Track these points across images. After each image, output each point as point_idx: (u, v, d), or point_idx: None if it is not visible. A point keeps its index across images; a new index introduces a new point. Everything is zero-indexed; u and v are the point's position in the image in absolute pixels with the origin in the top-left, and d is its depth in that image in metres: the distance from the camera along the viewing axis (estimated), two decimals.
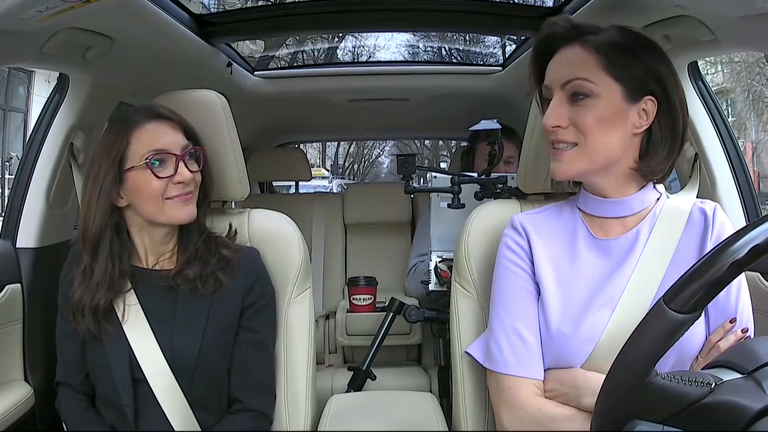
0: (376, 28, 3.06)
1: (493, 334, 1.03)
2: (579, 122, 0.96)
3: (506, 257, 1.06)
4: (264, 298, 1.21)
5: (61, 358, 1.19)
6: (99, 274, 1.11)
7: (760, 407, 0.58)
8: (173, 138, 1.14)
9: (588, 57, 0.97)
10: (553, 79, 0.99)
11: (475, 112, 2.03)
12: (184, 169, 1.13)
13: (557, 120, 0.97)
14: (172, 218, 1.14)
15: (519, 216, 1.10)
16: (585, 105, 0.96)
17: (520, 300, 1.03)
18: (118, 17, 1.26)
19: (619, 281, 0.98)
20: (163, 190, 1.11)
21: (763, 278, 1.32)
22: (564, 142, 0.97)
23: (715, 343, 0.94)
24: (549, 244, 1.05)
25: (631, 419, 0.65)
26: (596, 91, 0.95)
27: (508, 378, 1.00)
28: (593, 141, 0.96)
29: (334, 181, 13.16)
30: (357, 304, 2.13)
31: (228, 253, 1.19)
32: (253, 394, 1.19)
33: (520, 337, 1.00)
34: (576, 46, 0.98)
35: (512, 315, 1.02)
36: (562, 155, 0.98)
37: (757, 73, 13.03)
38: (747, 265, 0.61)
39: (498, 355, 1.01)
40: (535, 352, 1.00)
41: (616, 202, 1.01)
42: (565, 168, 0.98)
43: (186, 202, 1.14)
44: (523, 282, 1.04)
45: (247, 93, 2.28)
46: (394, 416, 1.26)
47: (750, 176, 1.48)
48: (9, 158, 9.55)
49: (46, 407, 1.39)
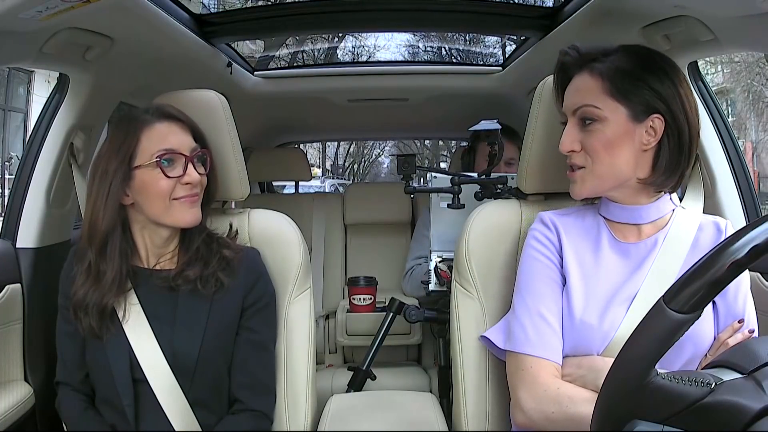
0: (376, 28, 3.06)
1: (517, 317, 1.08)
2: (588, 146, 1.04)
3: (535, 248, 1.11)
4: (264, 299, 1.21)
5: (61, 358, 1.19)
6: (110, 274, 1.11)
7: (760, 407, 0.58)
8: (183, 139, 1.14)
9: (595, 84, 1.04)
10: (567, 106, 1.08)
11: (475, 112, 2.03)
12: (193, 170, 1.13)
13: (571, 145, 1.06)
14: (177, 220, 1.14)
15: (547, 213, 1.15)
16: (593, 129, 1.04)
17: (547, 287, 1.08)
18: (118, 17, 1.26)
19: (635, 282, 1.04)
20: (171, 190, 1.12)
21: (763, 278, 1.32)
22: (574, 165, 1.07)
23: (724, 341, 0.99)
24: (575, 241, 1.11)
25: (631, 419, 0.65)
26: (602, 116, 1.03)
27: (529, 358, 1.03)
28: (600, 163, 1.04)
29: (326, 181, 12.79)
30: (357, 304, 2.13)
31: (229, 253, 1.19)
32: (253, 394, 1.19)
33: (545, 320, 1.05)
34: (585, 73, 1.06)
35: (538, 300, 1.07)
36: (575, 176, 1.07)
37: (757, 73, 13.03)
38: (747, 265, 0.61)
39: (521, 336, 1.05)
40: (557, 337, 1.05)
41: (634, 209, 1.08)
42: (578, 189, 1.08)
43: (192, 204, 1.14)
44: (551, 272, 1.09)
45: (247, 93, 2.28)
46: (394, 416, 1.26)
47: (750, 176, 1.48)
48: (9, 158, 9.55)
49: (46, 407, 1.39)
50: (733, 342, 0.99)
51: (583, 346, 1.03)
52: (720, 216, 1.41)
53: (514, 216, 1.25)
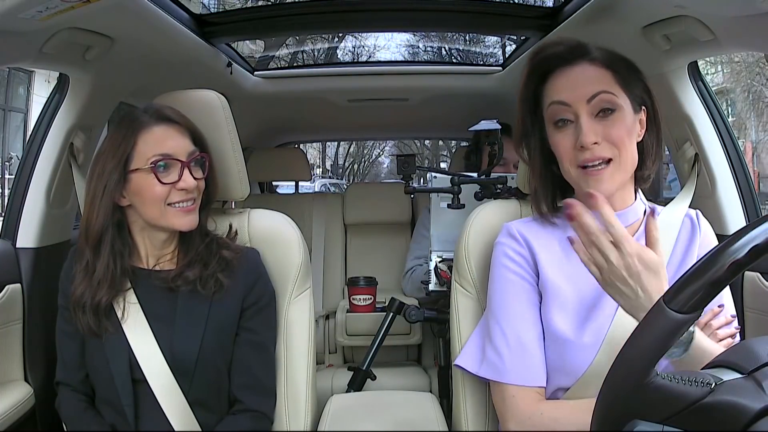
0: (376, 28, 3.06)
1: (492, 342, 1.04)
2: (613, 136, 0.97)
3: (505, 266, 1.06)
4: (264, 299, 1.21)
5: (61, 358, 1.19)
6: (101, 272, 1.11)
7: (760, 407, 0.58)
8: (180, 143, 1.13)
9: (602, 72, 0.99)
10: (575, 97, 0.99)
11: (475, 112, 2.03)
12: (189, 176, 1.13)
13: (595, 136, 0.97)
14: (173, 224, 1.13)
15: (513, 224, 1.11)
16: (614, 119, 0.98)
17: (523, 307, 1.03)
18: (118, 17, 1.26)
19: None
20: (166, 195, 1.11)
21: (763, 278, 1.32)
22: (601, 158, 0.97)
23: (705, 323, 0.97)
24: (548, 251, 1.06)
25: (631, 419, 0.65)
26: (620, 104, 0.98)
27: (511, 387, 1.01)
28: (626, 153, 0.98)
29: (317, 181, 12.58)
30: (357, 305, 2.13)
31: (229, 254, 1.19)
32: (253, 394, 1.19)
33: (523, 345, 1.01)
34: (584, 63, 1.00)
35: (514, 323, 1.03)
36: (602, 173, 0.97)
37: (757, 73, 13.02)
38: (747, 265, 0.61)
39: (499, 364, 1.02)
40: (538, 359, 1.01)
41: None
42: (607, 185, 0.97)
43: (188, 212, 1.14)
44: (525, 291, 1.04)
45: (247, 93, 2.28)
46: (394, 416, 1.26)
47: (750, 176, 1.48)
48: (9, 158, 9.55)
49: (46, 407, 1.39)
50: (716, 323, 0.97)
51: (569, 362, 0.99)
52: (720, 216, 1.42)
53: (514, 216, 1.24)
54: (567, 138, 1.00)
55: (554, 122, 1.02)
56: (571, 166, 1.00)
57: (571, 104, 0.99)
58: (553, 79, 1.02)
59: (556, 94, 1.01)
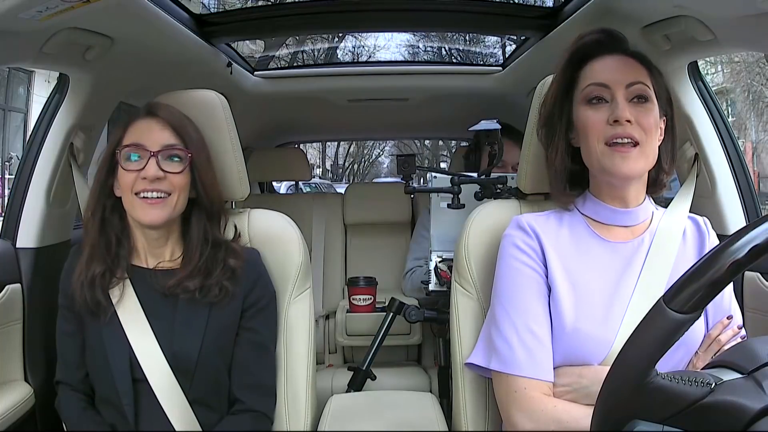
0: (376, 28, 3.06)
1: (502, 334, 1.03)
2: (643, 122, 1.00)
3: (514, 257, 1.06)
4: (264, 299, 1.21)
5: (61, 358, 1.19)
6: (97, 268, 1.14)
7: (760, 407, 0.58)
8: (156, 135, 1.14)
9: (641, 67, 1.04)
10: (616, 79, 1.02)
11: (475, 112, 2.03)
12: (154, 166, 1.12)
13: (630, 115, 0.99)
14: (139, 216, 1.13)
15: (524, 217, 1.11)
16: (647, 108, 1.01)
17: (533, 299, 1.03)
18: (118, 17, 1.26)
19: (628, 281, 1.02)
20: (133, 183, 1.12)
21: (763, 278, 1.32)
22: (630, 137, 0.99)
23: (715, 338, 1.00)
24: (558, 244, 1.06)
25: (631, 419, 0.65)
26: (653, 98, 1.02)
27: (521, 379, 0.99)
28: (652, 143, 1.01)
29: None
30: (357, 305, 2.13)
31: (234, 263, 1.18)
32: (253, 394, 1.19)
33: (534, 336, 1.00)
34: (625, 55, 1.05)
35: (524, 315, 1.02)
36: (630, 152, 0.99)
37: (757, 73, 13.03)
38: (747, 265, 0.61)
39: (509, 355, 1.01)
40: (547, 352, 1.00)
41: (626, 212, 1.06)
42: (632, 166, 1.00)
43: (153, 205, 1.12)
44: (534, 282, 1.04)
45: (247, 93, 2.28)
46: (394, 416, 1.26)
47: (750, 176, 1.48)
48: (9, 158, 9.54)
49: (46, 407, 1.39)
50: (724, 338, 0.99)
51: (580, 355, 0.99)
52: (720, 216, 1.42)
53: (513, 216, 1.24)
54: (600, 113, 1.02)
55: (588, 100, 1.04)
56: (599, 143, 1.01)
57: (610, 86, 1.02)
58: (592, 63, 1.05)
59: (595, 76, 1.04)
